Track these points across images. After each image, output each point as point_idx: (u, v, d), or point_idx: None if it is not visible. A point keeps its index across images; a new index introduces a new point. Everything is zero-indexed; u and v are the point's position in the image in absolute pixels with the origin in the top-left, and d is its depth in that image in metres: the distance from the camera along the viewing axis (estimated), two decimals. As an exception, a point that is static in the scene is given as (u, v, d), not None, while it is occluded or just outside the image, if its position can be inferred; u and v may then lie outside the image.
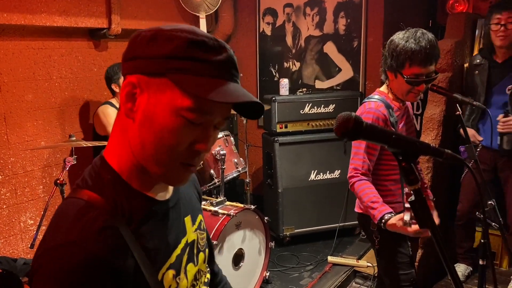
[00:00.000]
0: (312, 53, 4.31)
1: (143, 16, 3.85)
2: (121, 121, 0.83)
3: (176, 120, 0.76)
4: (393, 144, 0.86)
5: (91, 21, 3.46)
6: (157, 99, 0.77)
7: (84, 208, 0.77)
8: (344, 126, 0.85)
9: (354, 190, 1.95)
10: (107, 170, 0.83)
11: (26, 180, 3.33)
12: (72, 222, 0.75)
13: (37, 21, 3.10)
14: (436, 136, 3.09)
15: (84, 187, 0.82)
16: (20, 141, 3.26)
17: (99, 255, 0.72)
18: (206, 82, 0.75)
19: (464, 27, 3.33)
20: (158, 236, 0.86)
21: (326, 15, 4.16)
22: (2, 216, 3.20)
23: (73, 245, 0.72)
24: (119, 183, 0.82)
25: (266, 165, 3.94)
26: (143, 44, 0.78)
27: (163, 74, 0.76)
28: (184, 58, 0.75)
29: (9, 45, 3.14)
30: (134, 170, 0.83)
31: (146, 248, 0.81)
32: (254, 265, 3.01)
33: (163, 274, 0.85)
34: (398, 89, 1.98)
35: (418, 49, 1.83)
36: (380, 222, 1.82)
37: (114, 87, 3.34)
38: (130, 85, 0.78)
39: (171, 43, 0.75)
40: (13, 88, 3.19)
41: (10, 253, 3.25)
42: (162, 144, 0.77)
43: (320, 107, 3.77)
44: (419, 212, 0.88)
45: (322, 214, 3.80)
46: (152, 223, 0.85)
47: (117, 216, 0.78)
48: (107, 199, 0.79)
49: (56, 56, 3.46)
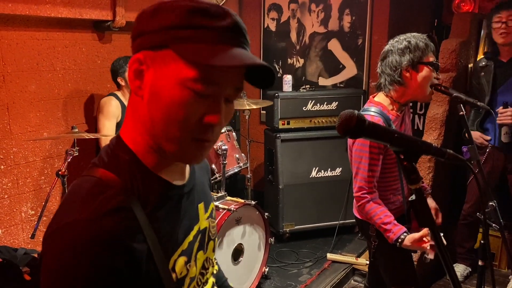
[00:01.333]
0: (316, 50, 4.29)
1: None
2: (132, 101, 0.82)
3: (183, 93, 0.73)
4: (396, 142, 0.86)
5: (95, 13, 3.46)
6: (162, 73, 0.74)
7: (99, 187, 0.75)
8: (347, 124, 0.85)
9: (363, 211, 1.94)
10: (123, 150, 0.81)
11: (28, 171, 3.34)
12: (87, 200, 0.73)
13: (41, 11, 3.09)
14: (438, 136, 3.09)
15: (100, 165, 0.80)
16: (23, 132, 3.26)
17: (112, 233, 0.70)
18: (207, 48, 0.72)
19: (469, 27, 3.32)
20: (172, 221, 0.84)
21: (331, 12, 4.14)
22: (3, 206, 3.21)
23: (86, 222, 0.69)
24: (135, 164, 0.80)
25: (267, 161, 3.95)
26: (146, 19, 0.76)
27: (166, 46, 0.74)
28: (185, 27, 0.72)
29: (13, 35, 3.14)
30: (149, 150, 0.80)
31: (159, 233, 0.78)
32: (253, 260, 3.01)
33: (175, 261, 0.84)
34: (421, 86, 1.91)
35: (424, 39, 1.89)
36: (395, 242, 1.85)
37: (119, 80, 3.34)
38: (136, 62, 0.77)
39: (172, 14, 0.73)
40: (16, 79, 3.19)
41: (10, 243, 3.27)
42: (171, 119, 0.75)
43: (323, 104, 3.77)
44: (420, 212, 0.88)
45: (322, 211, 3.80)
46: (166, 208, 0.83)
47: (132, 198, 0.76)
48: (123, 179, 0.77)
49: (60, 47, 3.46)
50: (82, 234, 0.68)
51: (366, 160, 1.87)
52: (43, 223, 3.49)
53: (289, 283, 3.18)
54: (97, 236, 0.69)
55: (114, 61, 3.38)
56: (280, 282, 3.19)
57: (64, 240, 0.69)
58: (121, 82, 3.34)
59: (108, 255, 0.69)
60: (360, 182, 1.91)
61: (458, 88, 3.17)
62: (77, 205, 0.73)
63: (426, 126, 3.15)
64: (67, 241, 0.69)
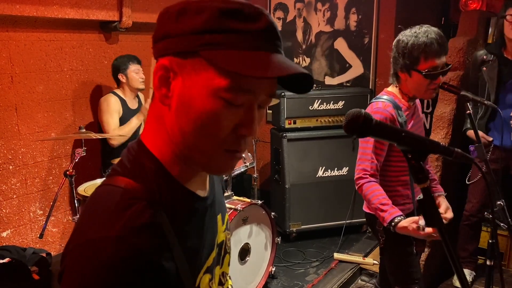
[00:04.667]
0: (322, 49, 4.29)
1: (154, 9, 3.86)
2: (156, 108, 0.75)
3: (215, 103, 0.67)
4: (403, 141, 0.86)
5: (102, 14, 3.48)
6: (192, 82, 0.68)
7: (126, 199, 0.68)
8: (354, 122, 0.85)
9: (362, 191, 1.93)
10: (148, 158, 0.74)
11: (36, 171, 3.37)
12: (114, 214, 0.66)
13: (49, 13, 3.12)
14: (446, 135, 3.07)
15: (124, 174, 0.73)
16: (31, 132, 3.29)
17: (143, 252, 0.64)
18: (242, 56, 0.66)
19: (477, 25, 3.29)
20: (198, 237, 0.78)
21: (337, 10, 4.13)
22: (12, 205, 3.24)
23: (117, 239, 0.63)
24: (162, 173, 0.73)
25: (274, 160, 3.94)
26: (171, 20, 0.69)
27: (195, 52, 0.67)
28: (216, 31, 0.66)
29: (21, 37, 3.17)
30: (175, 159, 0.74)
31: (186, 249, 0.73)
32: (260, 260, 3.01)
33: (200, 279, 0.79)
34: (414, 88, 1.92)
35: (430, 42, 1.81)
36: (389, 225, 1.80)
37: (120, 77, 3.36)
38: (162, 69, 0.70)
39: (201, 16, 0.66)
40: (24, 79, 3.22)
41: (19, 243, 3.30)
42: (202, 130, 0.69)
43: (329, 103, 3.76)
44: (428, 211, 0.87)
45: (329, 211, 3.79)
46: (193, 222, 0.77)
47: (161, 212, 0.69)
48: (150, 190, 0.71)
49: (68, 48, 3.48)
50: (111, 253, 0.62)
51: (371, 143, 1.89)
52: (51, 222, 3.52)
53: (296, 283, 3.17)
54: (127, 256, 0.63)
55: (117, 58, 3.41)
56: (287, 281, 3.19)
57: (91, 257, 0.63)
58: (122, 79, 3.37)
59: (138, 276, 0.63)
60: (363, 164, 1.92)
61: (466, 86, 3.15)
62: (104, 219, 0.66)
63: (434, 125, 3.13)
64: (94, 259, 0.63)
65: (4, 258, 2.94)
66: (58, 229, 3.58)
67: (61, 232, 3.61)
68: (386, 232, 1.98)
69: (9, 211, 3.23)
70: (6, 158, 3.16)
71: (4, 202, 3.19)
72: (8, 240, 3.24)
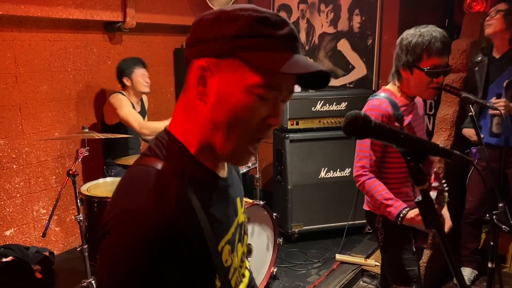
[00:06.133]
0: (325, 50, 4.29)
1: (158, 10, 3.88)
2: (189, 102, 0.85)
3: (249, 98, 0.79)
4: (402, 143, 0.86)
5: (106, 14, 3.49)
6: (228, 80, 0.79)
7: (156, 175, 0.78)
8: (353, 124, 0.85)
9: (363, 188, 1.95)
10: (175, 143, 0.85)
11: (40, 170, 3.39)
12: (147, 188, 0.76)
13: (53, 13, 3.14)
14: (448, 137, 3.06)
15: (153, 155, 0.83)
16: (35, 131, 3.31)
17: (174, 223, 0.74)
18: (273, 56, 0.77)
19: (480, 27, 3.28)
20: (220, 209, 0.88)
21: (340, 12, 4.13)
22: (15, 204, 3.26)
23: (151, 212, 0.73)
24: (186, 155, 0.84)
25: (276, 161, 3.95)
26: (207, 26, 0.80)
27: (231, 54, 0.78)
28: (250, 36, 0.77)
29: (25, 37, 3.19)
30: (199, 145, 0.85)
31: (210, 218, 0.82)
32: (262, 260, 3.02)
33: (222, 248, 0.87)
34: (416, 86, 1.93)
35: (434, 40, 1.83)
36: (397, 218, 1.83)
37: (125, 80, 3.36)
38: (200, 69, 0.80)
39: (236, 23, 0.77)
40: (28, 79, 3.24)
41: (22, 241, 3.32)
42: (235, 121, 0.80)
43: (332, 104, 3.76)
44: (426, 212, 0.88)
45: (331, 212, 3.79)
46: (215, 195, 0.87)
47: (187, 184, 0.80)
48: (177, 168, 0.81)
49: (72, 48, 3.50)
50: (146, 223, 0.72)
51: (368, 141, 1.92)
52: (54, 222, 3.54)
53: (298, 284, 3.17)
54: (160, 226, 0.73)
55: (122, 61, 3.40)
56: (289, 282, 3.19)
57: (128, 226, 0.73)
58: (126, 83, 3.36)
59: (170, 244, 0.73)
60: (361, 161, 1.95)
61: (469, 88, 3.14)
62: (138, 192, 0.76)
63: (436, 127, 3.13)
64: (131, 228, 0.72)
65: (8, 256, 2.96)
66: (61, 228, 3.60)
67: (65, 231, 3.63)
68: (385, 230, 2.01)
69: (13, 210, 3.25)
70: (10, 157, 3.18)
71: (8, 201, 3.21)
72: (11, 239, 3.26)
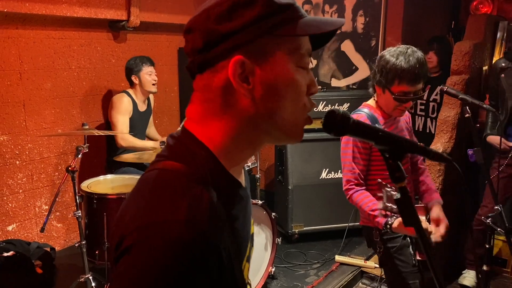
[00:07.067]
0: (329, 51, 4.28)
1: (162, 9, 3.90)
2: (209, 106, 0.79)
3: (295, 72, 0.78)
4: (380, 140, 0.86)
5: (110, 13, 3.53)
6: (270, 63, 0.76)
7: (187, 183, 0.70)
8: (331, 121, 0.86)
9: (352, 202, 1.99)
10: (199, 146, 0.77)
11: (42, 167, 3.43)
12: (177, 197, 0.68)
13: (58, 11, 3.18)
14: (449, 139, 3.04)
15: (176, 160, 0.75)
16: (38, 128, 3.35)
17: (206, 235, 0.67)
18: (301, 24, 0.77)
19: (484, 29, 3.26)
20: (243, 222, 0.82)
21: (344, 13, 4.12)
22: (18, 200, 3.30)
23: (185, 223, 0.65)
24: (212, 160, 0.77)
25: (278, 161, 3.95)
26: (223, 20, 0.74)
27: (262, 36, 0.74)
28: (273, 14, 0.74)
29: (30, 34, 3.23)
30: (225, 149, 0.78)
31: (236, 233, 0.77)
32: (260, 260, 3.02)
33: (244, 266, 0.82)
34: (385, 104, 1.99)
35: (407, 68, 1.84)
36: (385, 227, 1.83)
37: (134, 78, 3.40)
38: (238, 66, 0.74)
39: (255, 6, 0.74)
40: (33, 76, 3.28)
41: (24, 237, 3.35)
42: (292, 99, 0.78)
43: (334, 105, 3.75)
44: (404, 210, 0.88)
45: (331, 213, 3.78)
46: (239, 207, 0.81)
47: (215, 195, 0.73)
48: (204, 175, 0.74)
49: (76, 46, 3.54)
50: (179, 236, 0.64)
51: (350, 153, 1.96)
52: (56, 218, 3.57)
53: (296, 284, 3.17)
54: (193, 239, 0.65)
55: (130, 59, 3.43)
56: (287, 282, 3.19)
57: (162, 240, 0.64)
58: (135, 81, 3.39)
59: (203, 258, 0.66)
60: (346, 176, 1.98)
61: (472, 90, 3.12)
62: (165, 201, 0.68)
63: (438, 129, 3.11)
64: (162, 242, 0.64)
65: (9, 251, 2.99)
66: (62, 224, 3.64)
67: (66, 228, 3.67)
68: (384, 244, 2.01)
69: (15, 205, 3.29)
70: (13, 153, 3.22)
71: (10, 196, 3.25)
72: (13, 234, 3.30)
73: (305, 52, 0.79)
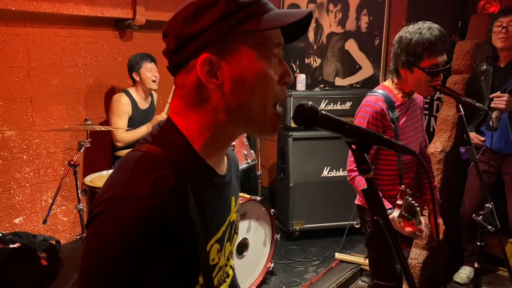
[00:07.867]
0: (333, 50, 4.30)
1: (167, 8, 3.96)
2: (187, 100, 0.84)
3: (262, 64, 0.81)
4: (347, 133, 0.89)
5: (116, 11, 3.59)
6: (236, 59, 0.80)
7: (156, 164, 0.77)
8: (300, 114, 0.89)
9: (353, 183, 1.95)
10: (176, 133, 0.84)
11: (49, 161, 3.51)
12: (144, 175, 0.75)
13: (65, 9, 3.25)
14: (449, 138, 3.05)
15: (153, 143, 0.83)
16: (45, 124, 3.43)
17: (166, 212, 0.73)
18: (265, 18, 0.79)
19: (486, 29, 3.25)
20: (214, 207, 0.88)
21: (348, 12, 4.14)
22: (25, 194, 3.39)
23: (144, 197, 0.72)
24: (186, 147, 0.83)
25: (279, 159, 3.98)
26: (189, 22, 0.79)
27: (227, 34, 0.78)
28: (236, 11, 0.78)
29: (38, 32, 3.31)
30: (202, 138, 0.84)
31: (202, 216, 0.82)
32: (259, 255, 3.06)
33: (211, 246, 0.88)
34: (414, 85, 1.94)
35: (434, 39, 1.83)
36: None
37: (134, 75, 3.45)
38: (206, 63, 0.79)
39: (217, 6, 0.78)
40: (40, 73, 3.36)
41: (30, 229, 3.44)
42: (260, 91, 0.81)
43: (337, 104, 3.78)
44: (371, 201, 0.91)
45: (332, 211, 3.80)
46: (211, 193, 0.87)
47: (184, 177, 0.79)
48: (176, 159, 0.80)
49: (83, 44, 3.61)
50: (137, 209, 0.71)
51: None
52: (62, 212, 3.65)
53: (295, 280, 3.20)
54: (150, 213, 0.71)
55: (132, 57, 3.49)
56: (286, 278, 3.22)
57: (120, 211, 0.71)
58: (135, 78, 3.45)
59: (158, 232, 0.72)
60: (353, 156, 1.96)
61: (472, 90, 3.12)
62: (134, 178, 0.75)
63: (437, 128, 3.11)
64: (124, 212, 0.70)
65: (15, 243, 3.08)
66: (68, 218, 3.72)
67: (71, 221, 3.75)
68: (374, 224, 2.01)
69: (22, 198, 3.38)
70: (20, 148, 3.31)
71: (17, 190, 3.34)
72: (20, 227, 3.39)
73: (274, 45, 0.82)
